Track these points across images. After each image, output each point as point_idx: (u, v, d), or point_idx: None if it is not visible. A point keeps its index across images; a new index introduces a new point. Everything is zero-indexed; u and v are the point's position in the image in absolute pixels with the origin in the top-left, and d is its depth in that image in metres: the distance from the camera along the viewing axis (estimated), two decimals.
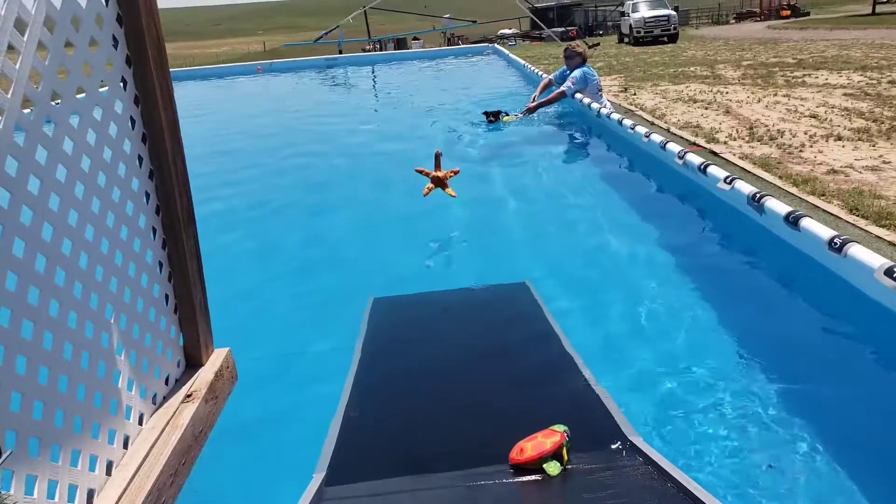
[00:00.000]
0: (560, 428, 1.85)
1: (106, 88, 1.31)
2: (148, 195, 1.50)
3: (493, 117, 8.38)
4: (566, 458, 1.80)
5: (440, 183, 4.61)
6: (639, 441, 1.88)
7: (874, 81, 10.74)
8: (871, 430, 2.23)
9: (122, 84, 1.37)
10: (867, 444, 2.22)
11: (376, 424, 2.28)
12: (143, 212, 1.47)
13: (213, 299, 1.74)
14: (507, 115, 8.57)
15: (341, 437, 2.12)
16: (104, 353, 1.29)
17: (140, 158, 1.45)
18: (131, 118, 1.42)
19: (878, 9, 40.10)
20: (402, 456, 2.09)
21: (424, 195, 4.62)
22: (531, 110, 8.60)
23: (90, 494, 1.19)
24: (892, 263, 2.28)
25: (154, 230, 1.52)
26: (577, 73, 8.17)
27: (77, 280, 1.21)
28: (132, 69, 1.39)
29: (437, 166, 4.64)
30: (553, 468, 1.74)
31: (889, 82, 10.54)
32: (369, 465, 2.02)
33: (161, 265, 1.55)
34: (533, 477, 1.76)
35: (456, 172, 4.69)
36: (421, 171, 4.66)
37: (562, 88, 8.17)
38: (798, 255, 2.95)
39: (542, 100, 8.53)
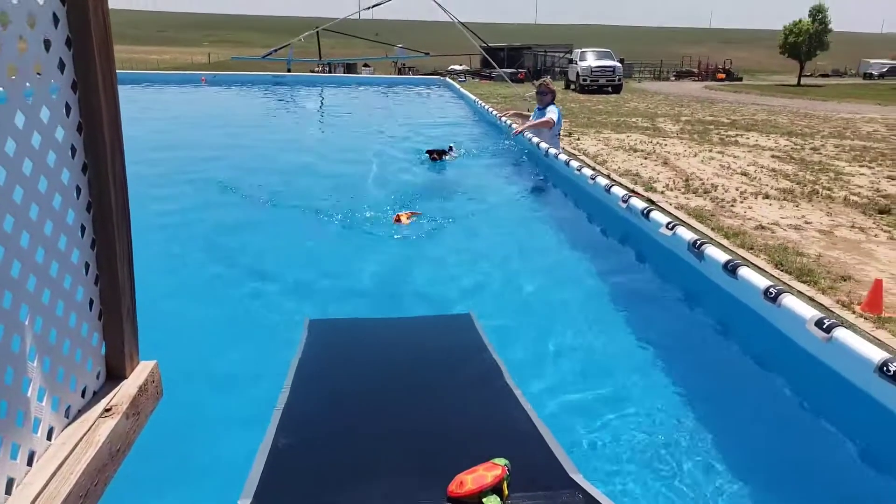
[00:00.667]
0: (501, 461, 1.80)
1: (40, 70, 1.20)
2: (79, 189, 1.38)
3: (438, 155, 8.40)
4: (506, 492, 1.75)
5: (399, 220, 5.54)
6: (580, 479, 1.84)
7: (798, 147, 11.45)
8: (795, 470, 2.29)
9: (59, 67, 1.26)
10: (791, 481, 2.27)
11: (307, 452, 2.17)
12: (72, 207, 1.35)
13: (140, 308, 1.61)
14: (450, 151, 8.63)
15: (269, 463, 2.00)
16: (13, 357, 1.16)
17: (73, 149, 1.34)
18: (67, 104, 1.31)
19: (802, 81, 43.35)
20: (334, 485, 1.98)
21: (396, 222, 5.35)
22: (519, 132, 8.64)
23: None
24: (822, 315, 2.38)
25: (83, 228, 1.40)
26: (554, 108, 8.09)
27: None
28: (72, 52, 1.29)
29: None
30: (493, 502, 1.68)
31: (811, 149, 11.25)
32: (298, 493, 1.91)
33: (88, 266, 1.43)
34: None
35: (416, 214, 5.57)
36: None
37: (549, 117, 8.08)
38: (734, 302, 3.04)
39: (530, 124, 8.43)
